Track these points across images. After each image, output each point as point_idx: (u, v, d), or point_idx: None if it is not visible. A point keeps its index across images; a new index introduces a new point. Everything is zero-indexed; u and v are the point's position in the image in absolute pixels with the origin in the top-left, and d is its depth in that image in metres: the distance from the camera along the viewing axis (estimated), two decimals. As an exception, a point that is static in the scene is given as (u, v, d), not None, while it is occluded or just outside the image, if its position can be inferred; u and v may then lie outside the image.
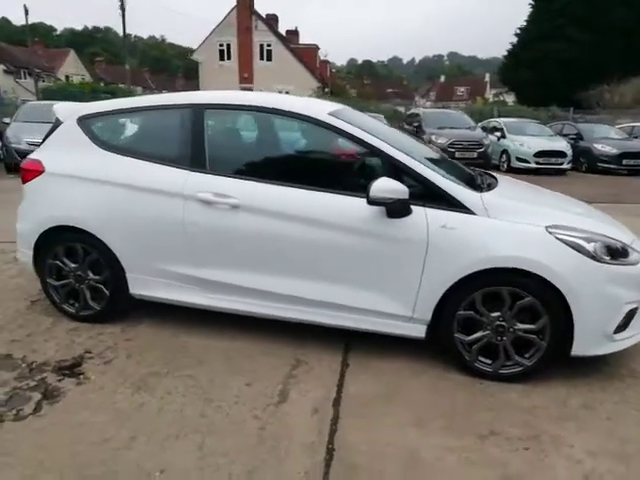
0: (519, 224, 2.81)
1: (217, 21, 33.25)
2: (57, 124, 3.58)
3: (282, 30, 36.29)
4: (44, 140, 3.61)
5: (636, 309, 2.88)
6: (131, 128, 3.52)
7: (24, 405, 2.60)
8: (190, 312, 3.46)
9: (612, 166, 13.95)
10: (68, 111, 3.56)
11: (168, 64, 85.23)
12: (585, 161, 14.66)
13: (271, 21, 34.19)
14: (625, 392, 2.84)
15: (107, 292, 3.44)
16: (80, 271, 3.46)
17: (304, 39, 39.83)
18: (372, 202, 2.77)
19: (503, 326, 2.84)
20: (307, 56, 34.66)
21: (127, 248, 3.30)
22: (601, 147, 14.07)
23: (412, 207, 2.81)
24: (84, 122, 3.45)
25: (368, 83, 64.34)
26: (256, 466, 2.20)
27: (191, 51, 35.82)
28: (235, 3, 32.15)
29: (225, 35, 32.52)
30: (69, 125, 3.48)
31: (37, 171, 3.49)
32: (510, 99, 45.87)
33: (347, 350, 3.24)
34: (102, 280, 3.44)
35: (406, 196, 2.76)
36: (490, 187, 3.19)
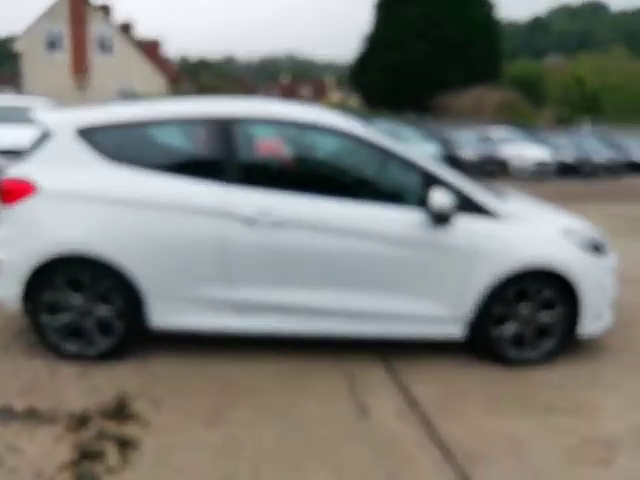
0: (537, 229, 3.46)
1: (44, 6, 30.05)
2: (46, 135, 3.26)
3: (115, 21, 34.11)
4: (30, 154, 3.26)
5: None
6: (149, 140, 3.37)
7: (105, 457, 2.44)
8: (199, 340, 3.47)
9: (474, 170, 16.21)
10: (60, 121, 3.27)
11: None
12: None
13: (105, 12, 32.01)
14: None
15: (121, 325, 3.26)
16: (86, 303, 3.22)
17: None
18: (431, 213, 3.15)
19: (528, 317, 3.44)
20: (150, 51, 33.25)
21: (152, 274, 3.18)
22: (464, 153, 16.29)
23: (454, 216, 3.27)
24: (87, 134, 3.21)
25: (205, 80, 63.77)
26: (391, 473, 2.43)
27: (13, 40, 31.76)
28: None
29: (55, 23, 29.53)
30: (66, 137, 3.21)
31: (27, 191, 3.15)
32: (353, 102, 49.74)
33: (385, 359, 3.55)
34: (114, 312, 3.24)
35: (451, 206, 3.20)
36: (504, 196, 3.80)
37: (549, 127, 27.46)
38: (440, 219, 3.21)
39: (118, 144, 3.26)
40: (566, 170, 18.05)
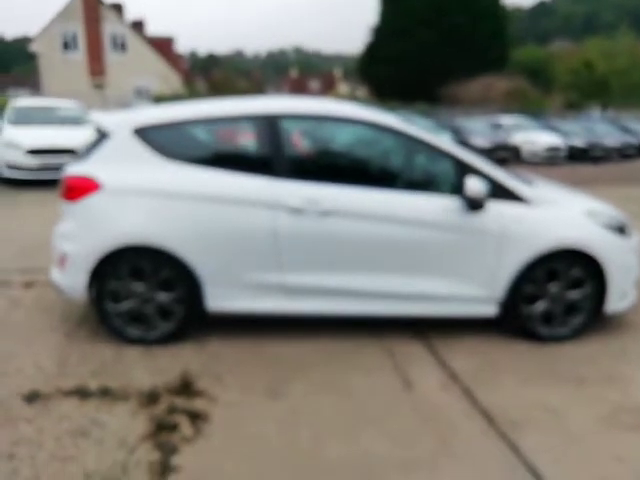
0: (565, 212, 3.61)
1: (58, 7, 30.21)
2: (103, 136, 3.46)
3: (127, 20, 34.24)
4: (89, 153, 3.46)
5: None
6: (202, 138, 3.55)
7: (179, 428, 2.64)
8: (251, 323, 3.67)
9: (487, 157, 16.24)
10: (116, 121, 3.46)
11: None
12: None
13: (117, 11, 32.16)
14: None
15: (181, 310, 3.46)
16: (148, 291, 3.42)
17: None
18: (466, 199, 3.31)
19: (558, 295, 3.60)
20: (163, 48, 33.38)
21: (209, 262, 3.37)
22: (476, 141, 16.28)
23: (487, 202, 3.41)
24: (143, 134, 3.40)
25: (217, 76, 63.88)
26: (442, 438, 2.61)
27: (27, 40, 32.07)
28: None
29: (69, 23, 29.74)
30: (124, 137, 3.40)
31: (90, 188, 3.35)
32: (361, 94, 49.59)
33: (422, 335, 3.73)
34: (175, 298, 3.45)
35: (485, 193, 3.35)
36: (532, 182, 3.94)
37: (558, 113, 27.31)
38: (474, 205, 3.36)
39: (172, 142, 3.44)
40: (578, 154, 17.98)
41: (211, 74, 61.97)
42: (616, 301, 3.69)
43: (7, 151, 10.21)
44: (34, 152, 10.11)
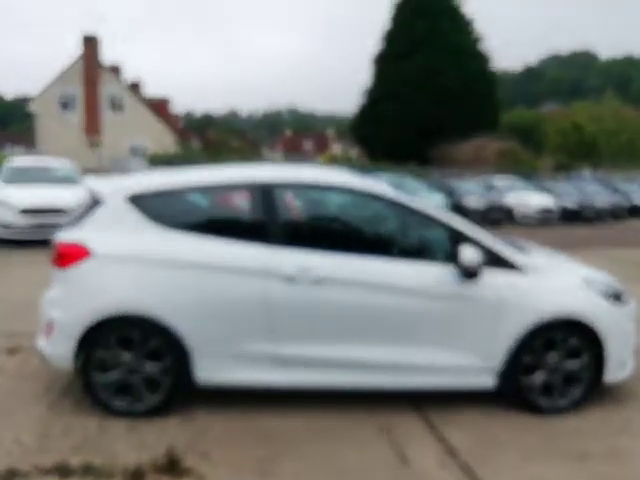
0: (562, 280, 3.66)
1: (59, 69, 31.48)
2: (96, 202, 3.52)
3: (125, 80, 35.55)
4: (81, 219, 3.51)
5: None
6: (194, 205, 3.62)
7: (165, 512, 2.54)
8: (240, 394, 3.60)
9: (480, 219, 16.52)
10: (111, 188, 3.54)
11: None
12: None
13: (115, 72, 33.48)
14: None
15: (167, 381, 3.40)
16: (136, 361, 3.38)
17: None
18: (461, 268, 3.36)
19: (556, 366, 3.58)
20: (160, 109, 34.46)
21: (198, 331, 3.35)
22: (469, 202, 16.62)
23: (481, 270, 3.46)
24: (137, 200, 3.46)
25: (211, 136, 65.62)
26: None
27: (26, 100, 33.07)
28: (80, 53, 30.89)
29: (68, 85, 30.85)
30: (117, 204, 3.46)
31: (81, 255, 3.37)
32: (353, 155, 50.87)
33: (418, 408, 3.66)
34: (162, 369, 3.40)
35: (479, 261, 3.40)
36: (526, 250, 4.00)
37: (549, 174, 28.06)
38: (469, 274, 3.40)
39: (166, 209, 3.50)
40: (570, 216, 18.37)
41: (206, 134, 63.78)
42: (615, 370, 3.67)
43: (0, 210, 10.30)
44: (27, 212, 10.21)
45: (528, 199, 18.27)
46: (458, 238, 3.52)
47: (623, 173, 28.02)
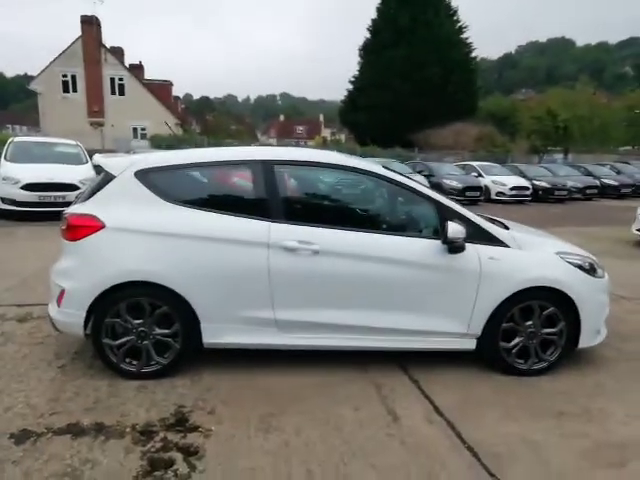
0: (539, 252, 3.64)
1: (60, 49, 30.40)
2: (107, 178, 3.43)
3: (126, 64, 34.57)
4: (91, 194, 3.42)
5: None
6: (199, 182, 3.54)
7: (174, 466, 2.53)
8: (242, 355, 3.60)
9: (458, 197, 16.52)
10: (119, 164, 3.44)
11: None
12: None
13: (117, 54, 32.50)
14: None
15: (177, 345, 3.38)
16: (145, 327, 3.34)
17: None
18: (447, 242, 3.33)
19: (534, 332, 3.59)
20: (161, 92, 33.68)
21: (205, 299, 3.31)
22: (449, 182, 16.62)
23: (466, 244, 3.43)
24: (144, 176, 3.37)
25: (210, 119, 64.66)
26: (430, 472, 2.54)
27: (28, 78, 31.96)
28: (80, 33, 29.82)
29: (70, 65, 29.87)
30: (126, 179, 3.37)
31: (94, 227, 3.29)
32: (342, 139, 50.47)
33: (404, 369, 3.68)
34: (171, 333, 3.37)
35: (465, 236, 3.37)
36: (506, 226, 3.98)
37: (524, 157, 28.05)
38: (455, 248, 3.38)
39: (172, 185, 3.42)
40: (542, 194, 18.43)
41: (205, 117, 62.71)
42: (589, 337, 3.70)
43: (4, 185, 10.10)
44: (32, 187, 10.03)
45: (504, 179, 18.30)
46: (447, 214, 3.48)
47: (594, 157, 28.11)
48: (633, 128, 38.98)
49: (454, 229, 3.31)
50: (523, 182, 18.23)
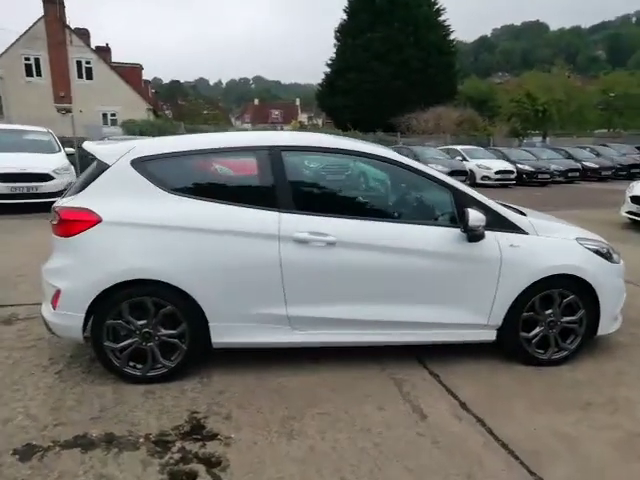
0: (559, 239, 3.57)
1: (21, 31, 28.97)
2: (101, 167, 3.19)
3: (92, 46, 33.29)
4: (83, 186, 3.18)
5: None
6: (203, 170, 3.32)
7: (197, 479, 2.38)
8: (249, 353, 3.46)
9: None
10: (113, 152, 3.20)
11: None
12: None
13: (82, 36, 31.24)
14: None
15: (184, 346, 3.20)
16: (149, 328, 3.15)
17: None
18: (468, 230, 3.22)
19: (553, 321, 3.54)
20: (131, 76, 32.62)
21: (213, 296, 3.13)
22: (434, 166, 16.60)
23: (486, 232, 3.34)
24: (142, 165, 3.15)
25: (183, 104, 63.19)
26: (469, 474, 2.45)
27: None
28: (42, 14, 28.48)
29: (32, 48, 28.53)
30: (122, 168, 3.14)
31: (89, 221, 3.06)
32: (321, 123, 50.02)
33: (422, 362, 3.59)
34: (178, 334, 3.19)
35: (485, 223, 3.27)
36: (522, 212, 3.89)
37: (504, 140, 28.28)
38: (475, 235, 3.28)
39: (173, 174, 3.20)
40: (526, 178, 18.63)
41: (177, 102, 61.18)
42: (608, 324, 3.67)
43: None
44: (2, 177, 9.56)
45: (488, 163, 18.43)
46: (465, 202, 3.37)
47: (572, 140, 28.52)
48: (607, 111, 39.75)
49: (475, 216, 3.21)
50: (508, 166, 18.38)
